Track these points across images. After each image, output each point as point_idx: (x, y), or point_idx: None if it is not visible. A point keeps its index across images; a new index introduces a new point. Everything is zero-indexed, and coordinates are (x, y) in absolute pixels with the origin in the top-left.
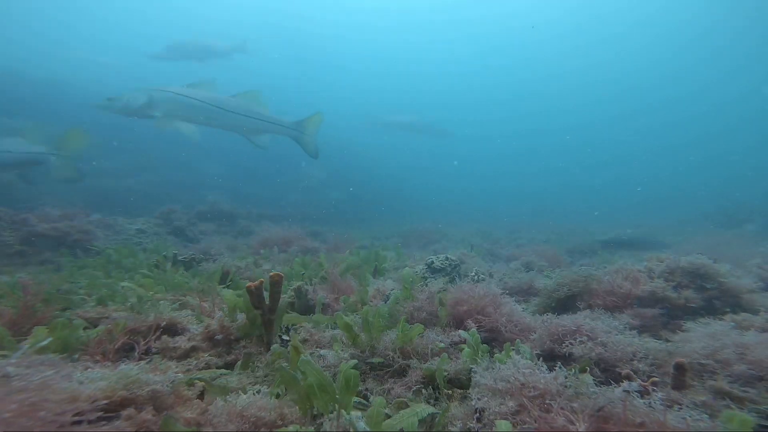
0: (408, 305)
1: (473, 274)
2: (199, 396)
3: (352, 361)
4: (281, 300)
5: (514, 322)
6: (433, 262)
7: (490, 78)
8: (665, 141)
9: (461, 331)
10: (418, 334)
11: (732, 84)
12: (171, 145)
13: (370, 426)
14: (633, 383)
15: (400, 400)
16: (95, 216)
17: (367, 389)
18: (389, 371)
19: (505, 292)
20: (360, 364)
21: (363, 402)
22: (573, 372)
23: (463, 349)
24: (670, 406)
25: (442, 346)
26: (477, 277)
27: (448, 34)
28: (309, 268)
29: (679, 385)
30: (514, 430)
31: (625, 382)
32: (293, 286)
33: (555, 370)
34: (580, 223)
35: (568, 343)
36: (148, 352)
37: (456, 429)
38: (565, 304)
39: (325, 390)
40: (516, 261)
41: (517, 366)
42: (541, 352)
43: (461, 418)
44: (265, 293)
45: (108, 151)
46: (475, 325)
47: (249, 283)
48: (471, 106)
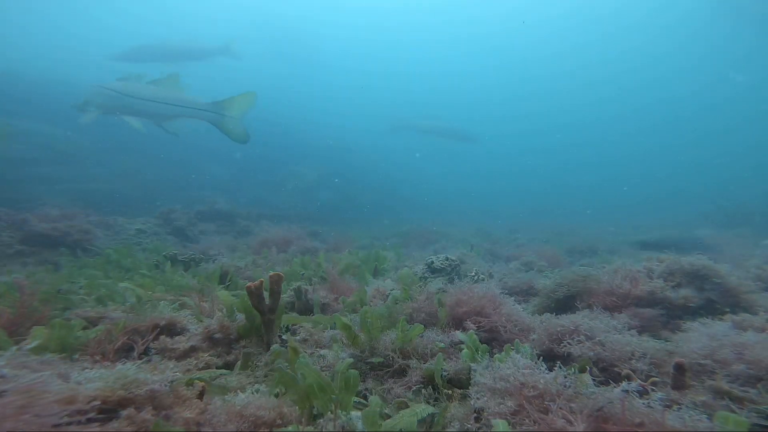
0: (407, 306)
1: (473, 274)
2: (199, 396)
3: (347, 360)
4: (281, 300)
5: (514, 323)
6: (433, 262)
7: (489, 78)
8: (664, 141)
9: (458, 333)
10: (418, 335)
11: (731, 84)
12: (171, 145)
13: (367, 426)
14: (632, 383)
15: (401, 400)
16: (95, 216)
17: (367, 389)
18: (389, 371)
19: (505, 293)
20: (360, 364)
21: (363, 402)
22: (572, 371)
23: (463, 349)
24: (670, 406)
25: (442, 346)
26: (477, 277)
27: (446, 34)
28: (308, 268)
29: (679, 385)
30: (512, 431)
31: (624, 381)
32: (293, 286)
33: (555, 370)
34: (578, 223)
35: (567, 342)
36: (148, 353)
37: (454, 429)
38: (565, 304)
39: (324, 390)
40: (516, 261)
41: (517, 365)
42: (540, 352)
43: (460, 419)
44: (265, 293)
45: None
46: (474, 326)
47: (249, 284)
48: (471, 107)
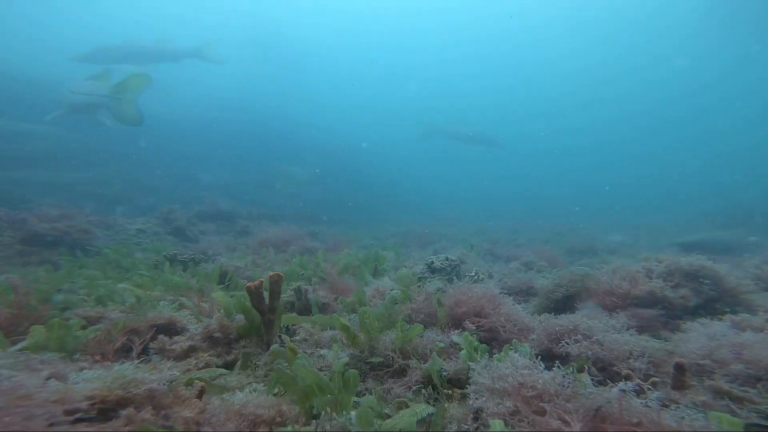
0: (406, 307)
1: (473, 274)
2: (198, 395)
3: (344, 359)
4: (281, 300)
5: (513, 323)
6: (433, 262)
7: (488, 79)
8: (664, 141)
9: (453, 336)
10: (418, 335)
11: (731, 83)
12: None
13: (360, 425)
14: (629, 382)
15: (400, 400)
16: (94, 216)
17: (367, 389)
18: (389, 371)
19: (504, 293)
20: (360, 364)
21: None
22: (570, 371)
23: (463, 349)
24: (668, 406)
25: (442, 346)
26: (477, 277)
27: (445, 35)
28: (308, 268)
29: (679, 385)
30: (510, 431)
31: (623, 381)
32: (293, 286)
33: (553, 370)
34: (577, 223)
35: (565, 342)
36: (148, 353)
37: (453, 429)
38: (564, 304)
39: (323, 390)
40: (516, 261)
41: (515, 365)
42: (539, 352)
43: (458, 419)
44: (265, 293)
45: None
46: (474, 326)
47: (249, 284)
48: (471, 108)
